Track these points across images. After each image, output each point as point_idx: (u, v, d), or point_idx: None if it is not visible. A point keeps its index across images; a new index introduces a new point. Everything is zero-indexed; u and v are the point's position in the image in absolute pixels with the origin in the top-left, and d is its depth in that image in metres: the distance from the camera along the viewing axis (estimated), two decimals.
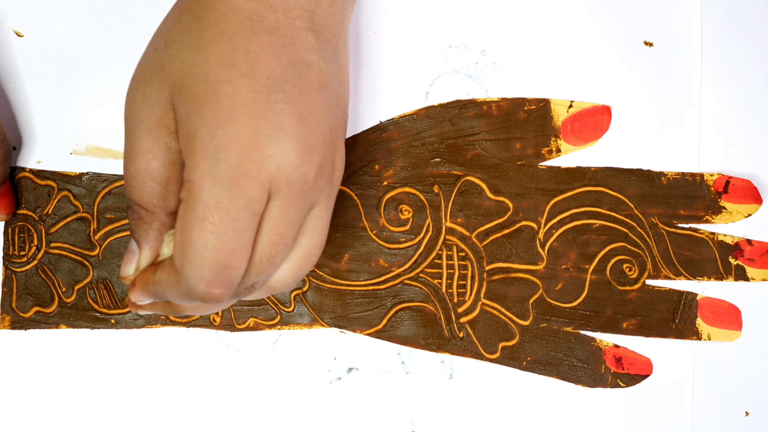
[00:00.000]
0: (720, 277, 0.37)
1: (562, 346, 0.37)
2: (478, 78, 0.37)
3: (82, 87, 0.36)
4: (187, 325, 0.36)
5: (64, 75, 0.36)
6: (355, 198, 0.37)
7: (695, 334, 0.37)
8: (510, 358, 0.37)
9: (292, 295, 0.36)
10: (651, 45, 0.38)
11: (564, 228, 0.37)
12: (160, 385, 0.36)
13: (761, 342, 0.37)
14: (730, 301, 0.37)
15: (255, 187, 0.26)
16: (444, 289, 0.37)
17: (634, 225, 0.37)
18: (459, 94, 0.37)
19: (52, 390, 0.36)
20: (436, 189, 0.37)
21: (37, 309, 0.36)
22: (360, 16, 0.37)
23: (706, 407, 0.37)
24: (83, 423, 0.36)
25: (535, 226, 0.37)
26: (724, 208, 0.37)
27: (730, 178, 0.37)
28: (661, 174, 0.37)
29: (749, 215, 0.37)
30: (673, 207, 0.37)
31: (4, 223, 0.36)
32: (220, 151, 0.26)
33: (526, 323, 0.37)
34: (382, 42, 0.37)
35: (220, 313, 0.36)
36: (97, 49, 0.36)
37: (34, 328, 0.36)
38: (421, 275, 0.37)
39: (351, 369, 0.37)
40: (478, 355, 0.36)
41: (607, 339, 0.37)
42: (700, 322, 0.37)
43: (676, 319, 0.37)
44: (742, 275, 0.37)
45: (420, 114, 0.37)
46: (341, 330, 0.37)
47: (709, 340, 0.37)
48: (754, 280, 0.37)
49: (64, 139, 0.36)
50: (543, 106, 0.37)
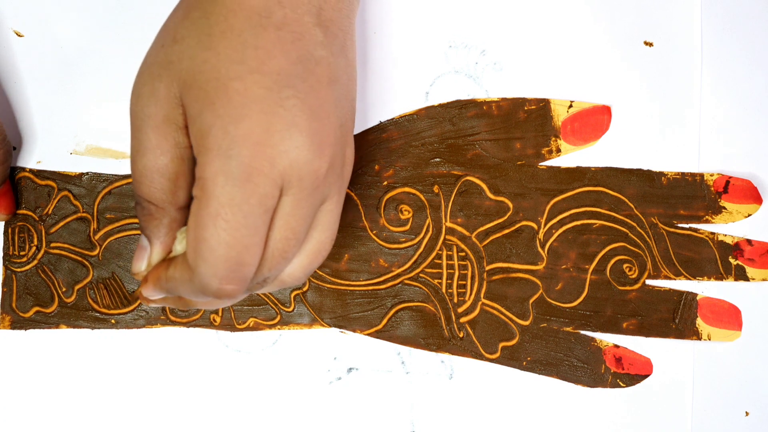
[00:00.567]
0: (720, 277, 0.37)
1: (562, 346, 0.37)
2: (478, 78, 0.37)
3: (82, 87, 0.36)
4: (187, 325, 0.36)
5: (64, 75, 0.36)
6: (355, 198, 0.37)
7: (695, 334, 0.37)
8: (510, 358, 0.37)
9: (292, 295, 0.36)
10: (651, 45, 0.38)
11: (564, 228, 0.37)
12: (160, 385, 0.36)
13: (761, 342, 0.37)
14: (730, 301, 0.37)
15: (268, 183, 0.26)
16: (444, 289, 0.37)
17: (634, 225, 0.37)
18: (459, 94, 0.37)
19: (52, 390, 0.36)
20: (436, 189, 0.37)
21: (37, 309, 0.36)
22: (360, 16, 0.37)
23: (706, 407, 0.37)
24: (83, 423, 0.36)
25: (535, 226, 0.37)
26: (724, 208, 0.37)
27: (730, 178, 0.37)
28: (661, 174, 0.37)
29: (749, 215, 0.37)
30: (673, 207, 0.37)
31: (4, 223, 0.36)
32: (233, 148, 0.26)
33: (526, 323, 0.37)
34: (382, 42, 0.37)
35: (220, 313, 0.36)
36: (97, 49, 0.36)
37: (34, 328, 0.36)
38: (421, 275, 0.37)
39: (351, 369, 0.37)
40: (478, 355, 0.36)
41: (607, 339, 0.37)
42: (700, 322, 0.37)
43: (676, 319, 0.37)
44: (742, 275, 0.37)
45: (420, 114, 0.37)
46: (341, 330, 0.37)
47: (709, 340, 0.37)
48: (754, 280, 0.37)
49: (64, 139, 0.36)
50: (543, 106, 0.37)
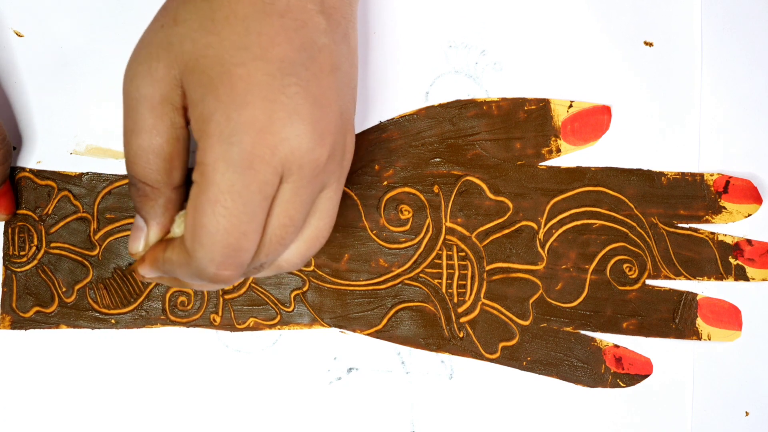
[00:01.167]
0: (720, 277, 0.37)
1: (562, 346, 0.37)
2: (478, 78, 0.37)
3: (82, 87, 0.36)
4: (187, 325, 0.36)
5: (64, 75, 0.36)
6: (355, 198, 0.37)
7: (695, 334, 0.37)
8: (510, 358, 0.37)
9: (292, 295, 0.36)
10: (651, 45, 0.38)
11: (564, 228, 0.37)
12: (160, 385, 0.36)
13: (761, 342, 0.37)
14: (730, 301, 0.37)
15: (268, 170, 0.26)
16: (444, 289, 0.37)
17: (634, 225, 0.37)
18: (459, 94, 0.37)
19: (52, 390, 0.36)
20: (436, 189, 0.37)
21: (37, 309, 0.36)
22: (360, 16, 0.37)
23: (706, 407, 0.37)
24: (83, 423, 0.36)
25: (535, 226, 0.37)
26: (724, 208, 0.37)
27: (730, 178, 0.37)
28: (661, 174, 0.37)
29: (749, 215, 0.37)
30: (673, 207, 0.37)
31: (4, 223, 0.36)
32: (235, 135, 0.26)
33: (526, 323, 0.37)
34: (382, 42, 0.37)
35: (220, 313, 0.36)
36: (97, 49, 0.36)
37: (34, 328, 0.36)
38: (421, 275, 0.37)
39: (351, 369, 0.37)
40: (478, 355, 0.36)
41: (607, 339, 0.37)
42: (700, 322, 0.37)
43: (676, 319, 0.37)
44: (742, 275, 0.37)
45: (420, 114, 0.37)
46: (341, 330, 0.37)
47: (709, 340, 0.37)
48: (754, 280, 0.37)
49: (64, 139, 0.36)
50: (543, 106, 0.37)
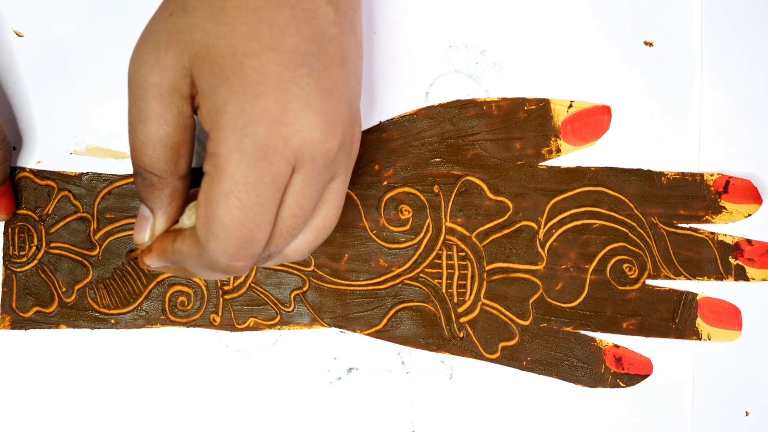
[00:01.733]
0: (720, 277, 0.37)
1: (562, 346, 0.37)
2: (478, 78, 0.37)
3: (82, 87, 0.36)
4: (187, 325, 0.36)
5: (64, 75, 0.36)
6: (355, 198, 0.37)
7: (695, 334, 0.37)
8: (510, 358, 0.37)
9: (292, 295, 0.36)
10: (651, 45, 0.38)
11: (564, 228, 0.37)
12: (160, 385, 0.36)
13: (761, 342, 0.37)
14: (730, 301, 0.37)
15: (281, 161, 0.26)
16: (444, 289, 0.37)
17: (634, 225, 0.37)
18: (459, 94, 0.37)
19: (52, 390, 0.36)
20: (436, 189, 0.37)
21: (37, 309, 0.36)
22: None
23: (706, 407, 0.37)
24: (83, 423, 0.36)
25: (535, 226, 0.37)
26: (724, 208, 0.37)
27: (730, 178, 0.37)
28: (661, 174, 0.37)
29: (749, 215, 0.37)
30: (673, 207, 0.37)
31: (4, 223, 0.36)
32: (248, 126, 0.26)
33: (526, 323, 0.37)
34: (382, 42, 0.37)
35: (220, 313, 0.36)
36: (97, 49, 0.36)
37: (34, 328, 0.36)
38: (421, 275, 0.37)
39: (351, 369, 0.37)
40: (478, 355, 0.36)
41: (607, 339, 0.37)
42: (700, 322, 0.37)
43: (676, 319, 0.37)
44: (742, 275, 0.37)
45: (420, 114, 0.37)
46: (341, 330, 0.37)
47: (709, 340, 0.37)
48: (754, 280, 0.37)
49: (64, 139, 0.36)
50: (543, 106, 0.37)
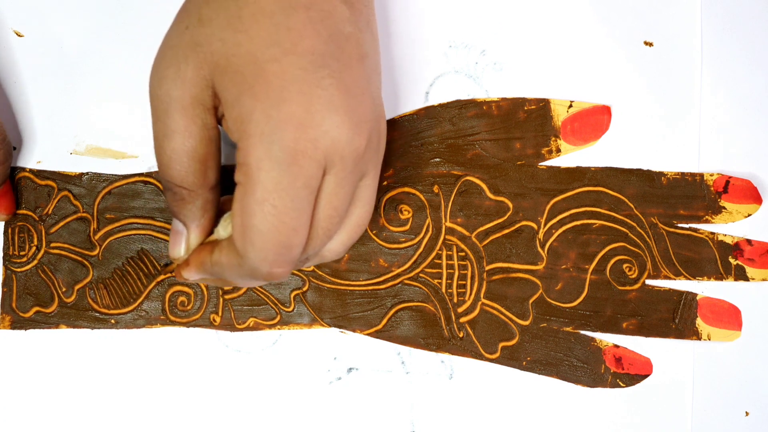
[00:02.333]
0: (720, 277, 0.37)
1: (561, 346, 0.37)
2: (478, 78, 0.37)
3: (82, 87, 0.36)
4: (187, 325, 0.36)
5: (64, 75, 0.36)
6: None
7: (695, 334, 0.37)
8: (510, 358, 0.37)
9: (292, 295, 0.36)
10: (651, 45, 0.38)
11: (564, 228, 0.37)
12: (160, 385, 0.36)
13: (761, 342, 0.37)
14: (730, 301, 0.37)
15: (312, 164, 0.26)
16: (444, 289, 0.37)
17: (634, 225, 0.37)
18: (459, 94, 0.37)
19: (52, 390, 0.36)
20: (435, 189, 0.37)
21: (37, 309, 0.36)
22: None
23: (706, 407, 0.37)
24: (83, 423, 0.36)
25: (534, 226, 0.37)
26: (724, 208, 0.37)
27: (730, 178, 0.37)
28: (661, 174, 0.37)
29: (749, 215, 0.37)
30: (673, 207, 0.37)
31: (4, 223, 0.36)
32: (276, 132, 0.26)
33: (526, 323, 0.37)
34: (382, 42, 0.37)
35: (220, 313, 0.36)
36: (97, 49, 0.36)
37: (34, 328, 0.36)
38: (420, 275, 0.37)
39: (351, 369, 0.37)
40: (478, 355, 0.36)
41: (607, 339, 0.37)
42: (700, 322, 0.37)
43: (676, 319, 0.37)
44: (742, 275, 0.37)
45: (420, 114, 0.37)
46: (341, 330, 0.37)
47: (709, 340, 0.37)
48: (754, 280, 0.37)
49: (64, 139, 0.36)
50: (543, 106, 0.37)
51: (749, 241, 0.37)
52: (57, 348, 0.36)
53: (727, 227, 0.37)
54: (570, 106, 0.37)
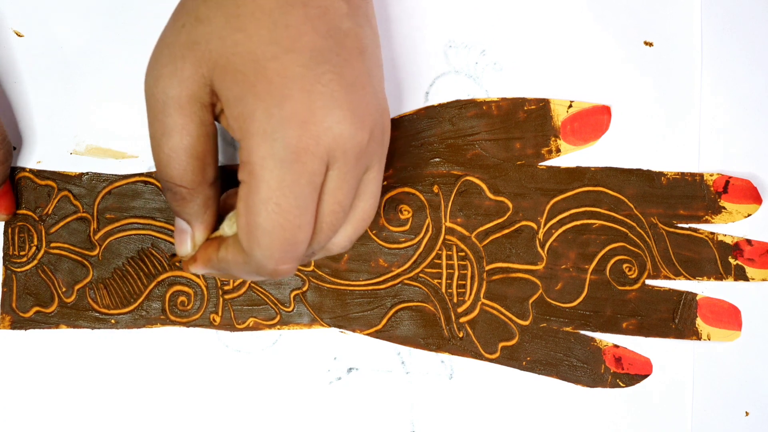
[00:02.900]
0: (720, 277, 0.37)
1: (561, 346, 0.37)
2: (478, 78, 0.37)
3: (82, 87, 0.36)
4: (187, 325, 0.36)
5: (64, 75, 0.36)
6: None
7: (695, 334, 0.37)
8: (510, 358, 0.37)
9: (292, 295, 0.36)
10: (651, 45, 0.38)
11: (564, 228, 0.37)
12: (160, 385, 0.36)
13: (761, 342, 0.37)
14: (730, 301, 0.37)
15: (315, 161, 0.27)
16: (444, 289, 0.37)
17: (634, 225, 0.37)
18: (459, 94, 0.37)
19: (52, 390, 0.36)
20: (435, 189, 0.37)
21: (37, 309, 0.36)
22: None
23: (706, 407, 0.37)
24: (83, 423, 0.36)
25: (534, 226, 0.37)
26: (724, 208, 0.37)
27: (730, 178, 0.37)
28: (660, 174, 0.37)
29: (749, 215, 0.37)
30: (673, 207, 0.37)
31: (4, 223, 0.36)
32: (278, 130, 0.26)
33: (526, 323, 0.37)
34: (382, 42, 0.37)
35: (220, 313, 0.36)
36: (97, 49, 0.36)
37: (34, 328, 0.36)
38: (420, 275, 0.37)
39: (351, 369, 0.37)
40: (478, 355, 0.36)
41: (606, 339, 0.37)
42: (699, 322, 0.37)
43: (676, 319, 0.37)
44: (741, 275, 0.37)
45: (420, 114, 0.37)
46: (341, 330, 0.37)
47: (709, 340, 0.37)
48: (753, 280, 0.37)
49: (64, 139, 0.36)
50: (543, 106, 0.37)
51: (749, 241, 0.37)
52: (57, 348, 0.36)
53: (727, 227, 0.37)
54: (570, 106, 0.37)
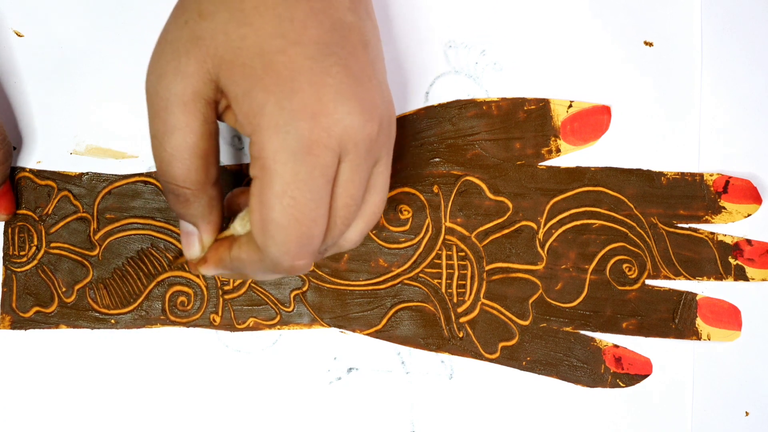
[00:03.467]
0: (720, 277, 0.37)
1: (561, 346, 0.37)
2: (478, 78, 0.37)
3: (82, 87, 0.36)
4: (187, 325, 0.36)
5: (64, 75, 0.36)
6: None
7: (695, 334, 0.37)
8: (510, 358, 0.37)
9: (292, 295, 0.36)
10: (651, 45, 0.38)
11: (564, 228, 0.37)
12: (160, 385, 0.36)
13: (761, 342, 0.37)
14: (730, 301, 0.37)
15: (328, 153, 0.26)
16: (444, 289, 0.37)
17: (634, 225, 0.37)
18: (459, 94, 0.37)
19: (52, 390, 0.36)
20: (435, 189, 0.37)
21: (37, 309, 0.36)
22: None
23: (706, 407, 0.37)
24: (83, 423, 0.36)
25: (534, 226, 0.37)
26: (724, 208, 0.37)
27: (730, 178, 0.37)
28: (660, 174, 0.37)
29: (749, 215, 0.37)
30: (673, 207, 0.37)
31: (4, 223, 0.36)
32: (290, 123, 0.26)
33: (526, 323, 0.37)
34: (382, 42, 0.37)
35: (220, 313, 0.36)
36: (97, 49, 0.36)
37: (34, 328, 0.36)
38: (420, 275, 0.37)
39: (351, 369, 0.37)
40: (478, 355, 0.36)
41: (606, 339, 0.37)
42: (699, 322, 0.37)
43: (676, 319, 0.37)
44: (741, 275, 0.37)
45: (420, 114, 0.37)
46: (341, 330, 0.37)
47: (709, 340, 0.37)
48: (753, 280, 0.37)
49: (64, 139, 0.36)
50: (543, 106, 0.37)
51: (749, 241, 0.37)
52: (57, 348, 0.36)
53: (727, 227, 0.37)
54: (570, 106, 0.37)
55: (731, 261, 0.37)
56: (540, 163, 0.37)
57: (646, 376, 0.37)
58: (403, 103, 0.37)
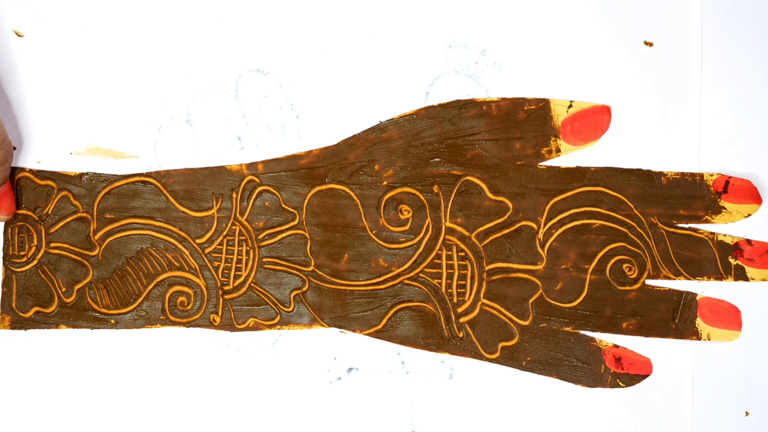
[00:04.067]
0: (720, 277, 0.37)
1: (561, 346, 0.37)
2: (478, 78, 0.37)
3: (82, 87, 0.36)
4: (187, 325, 0.36)
5: (64, 75, 0.36)
6: (355, 198, 0.37)
7: (695, 334, 0.37)
8: (510, 358, 0.37)
9: (292, 295, 0.36)
10: (651, 45, 0.38)
11: (564, 228, 0.37)
12: (160, 385, 0.36)
13: (761, 342, 0.37)
14: (730, 301, 0.37)
15: None
16: (444, 289, 0.37)
17: (634, 225, 0.37)
18: (459, 94, 0.37)
19: (52, 390, 0.36)
20: (435, 189, 0.37)
21: (36, 309, 0.36)
22: (359, 15, 0.37)
23: (706, 407, 0.37)
24: (83, 423, 0.36)
25: (534, 226, 0.37)
26: (724, 208, 0.37)
27: (730, 178, 0.37)
28: (660, 174, 0.37)
29: (749, 215, 0.37)
30: (673, 207, 0.37)
31: (4, 223, 0.36)
32: None
33: (526, 323, 0.37)
34: (382, 42, 0.37)
35: (220, 313, 0.36)
36: (97, 49, 0.36)
37: (34, 328, 0.36)
38: (420, 275, 0.37)
39: (351, 369, 0.37)
40: (478, 355, 0.36)
41: (606, 339, 0.37)
42: (699, 322, 0.37)
43: (676, 319, 0.37)
44: (741, 275, 0.37)
45: (420, 114, 0.37)
46: (341, 330, 0.37)
47: (709, 340, 0.37)
48: (753, 280, 0.37)
49: (64, 139, 0.36)
50: (543, 106, 0.37)
51: (749, 241, 0.37)
52: (57, 348, 0.36)
53: (727, 227, 0.37)
54: (570, 106, 0.37)
55: (731, 261, 0.37)
56: (540, 163, 0.37)
57: (646, 376, 0.37)
58: (403, 103, 0.37)
